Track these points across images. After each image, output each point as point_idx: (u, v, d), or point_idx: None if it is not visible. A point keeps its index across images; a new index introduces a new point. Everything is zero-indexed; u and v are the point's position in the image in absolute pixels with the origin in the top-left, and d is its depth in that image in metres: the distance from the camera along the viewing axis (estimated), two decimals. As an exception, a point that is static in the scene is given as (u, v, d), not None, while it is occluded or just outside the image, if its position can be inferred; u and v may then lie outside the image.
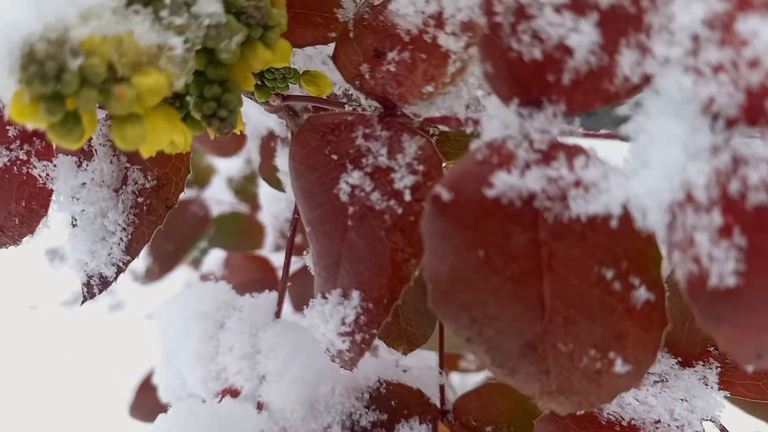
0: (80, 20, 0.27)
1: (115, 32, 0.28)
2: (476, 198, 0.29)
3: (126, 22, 0.29)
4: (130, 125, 0.29)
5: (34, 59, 0.26)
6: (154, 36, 0.29)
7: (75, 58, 0.27)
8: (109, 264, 0.39)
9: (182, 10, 0.31)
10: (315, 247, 0.38)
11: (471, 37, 0.33)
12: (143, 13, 0.30)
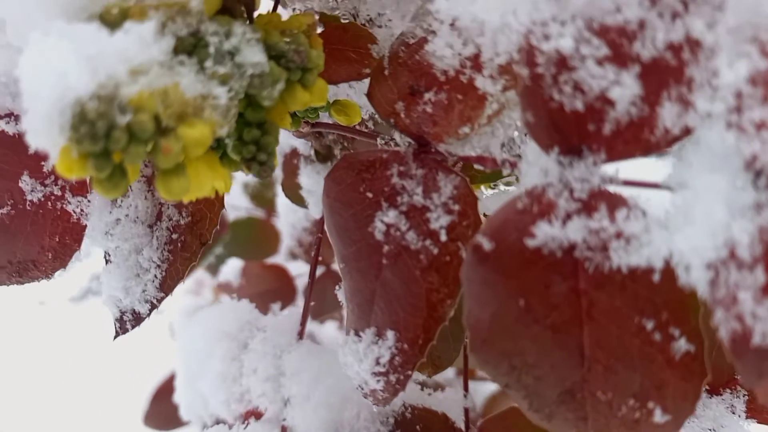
0: (130, 77, 0.27)
1: (161, 85, 0.28)
2: (517, 248, 0.30)
3: (172, 73, 0.29)
4: (175, 178, 0.29)
5: (85, 119, 0.26)
6: (198, 86, 0.30)
7: (123, 114, 0.27)
8: (143, 301, 0.39)
9: (226, 60, 0.31)
10: (348, 284, 0.38)
11: (508, 80, 0.33)
12: (188, 63, 0.30)
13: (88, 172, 0.28)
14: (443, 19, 0.33)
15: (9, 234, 0.41)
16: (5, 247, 0.41)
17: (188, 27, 0.31)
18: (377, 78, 0.37)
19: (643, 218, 0.28)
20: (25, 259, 0.41)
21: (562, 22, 0.28)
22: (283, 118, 0.35)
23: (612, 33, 0.28)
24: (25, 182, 0.40)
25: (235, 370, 0.56)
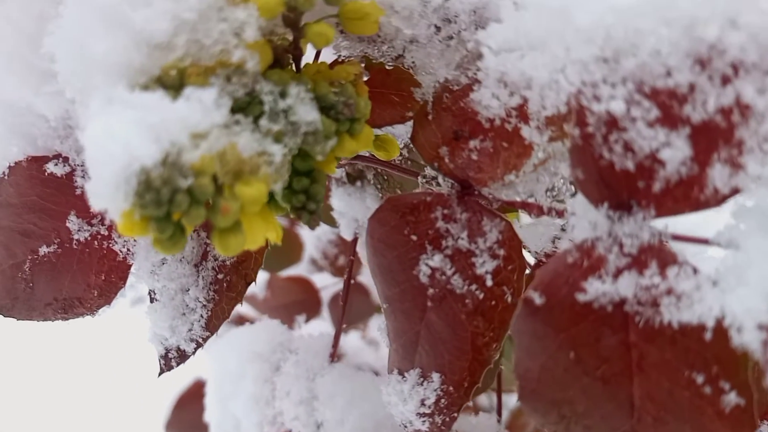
0: (192, 142, 0.28)
1: (220, 147, 0.29)
2: (568, 302, 0.30)
3: (229, 133, 0.30)
4: (232, 235, 0.30)
5: (150, 187, 0.27)
6: (254, 145, 0.30)
7: (185, 178, 0.28)
8: (189, 340, 0.40)
9: (280, 118, 0.31)
10: (392, 324, 0.39)
11: (555, 131, 0.33)
12: (243, 122, 0.31)
13: (150, 233, 0.29)
14: (491, 74, 0.33)
15: (55, 271, 0.42)
16: (51, 285, 0.42)
17: (244, 87, 0.31)
18: (421, 122, 0.38)
19: (694, 276, 0.29)
20: (71, 296, 0.42)
21: (612, 84, 0.29)
22: (330, 165, 0.36)
23: (662, 96, 0.28)
24: (72, 222, 0.41)
25: (267, 392, 0.57)
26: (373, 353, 0.82)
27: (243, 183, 0.30)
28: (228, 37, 0.31)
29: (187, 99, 0.29)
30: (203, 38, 0.31)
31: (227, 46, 0.31)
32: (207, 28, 0.30)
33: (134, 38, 0.30)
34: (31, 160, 0.41)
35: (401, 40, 0.36)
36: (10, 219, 0.42)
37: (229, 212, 0.29)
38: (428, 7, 0.35)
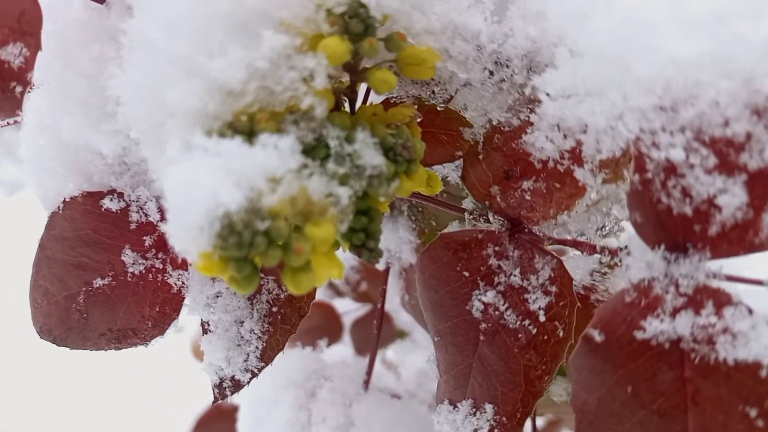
0: (269, 187, 0.29)
1: (294, 190, 0.30)
2: (626, 339, 0.32)
3: (299, 177, 0.31)
4: (303, 274, 0.31)
5: (233, 230, 0.28)
6: (323, 187, 0.31)
7: (262, 221, 0.29)
8: (244, 370, 0.41)
9: (346, 161, 0.32)
10: (443, 356, 0.40)
11: (608, 174, 0.35)
12: (311, 166, 0.32)
13: (228, 273, 0.30)
14: (546, 118, 0.34)
15: (110, 303, 0.43)
16: (106, 316, 0.43)
17: (312, 132, 0.32)
18: (471, 161, 0.39)
19: (749, 316, 0.30)
20: (125, 327, 0.43)
21: (671, 132, 0.30)
22: (384, 204, 0.37)
23: (720, 144, 0.30)
24: (127, 255, 0.42)
25: (303, 419, 0.57)
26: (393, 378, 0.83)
27: (313, 224, 0.31)
28: (297, 84, 0.32)
29: (263, 146, 0.30)
30: (273, 85, 0.32)
31: (297, 93, 0.32)
32: (277, 76, 0.32)
33: (209, 86, 0.31)
34: (86, 196, 0.42)
35: (455, 84, 0.37)
36: (64, 252, 0.43)
37: (303, 253, 0.30)
38: (483, 53, 0.36)
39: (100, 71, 0.39)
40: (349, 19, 0.32)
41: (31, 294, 0.45)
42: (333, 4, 0.32)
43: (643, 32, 0.31)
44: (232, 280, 0.30)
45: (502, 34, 0.36)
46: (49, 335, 0.44)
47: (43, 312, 0.44)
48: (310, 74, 0.32)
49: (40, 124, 0.41)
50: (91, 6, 0.40)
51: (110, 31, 0.39)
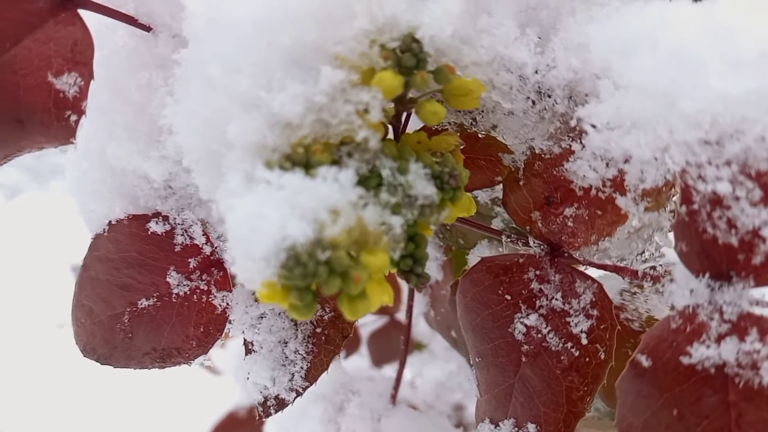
0: (331, 218, 0.30)
1: (352, 221, 0.31)
2: (672, 364, 0.33)
3: (356, 207, 0.32)
4: (360, 301, 0.32)
5: (298, 261, 0.29)
6: (377, 217, 0.32)
7: (324, 251, 0.30)
8: (289, 389, 0.42)
9: (399, 191, 0.33)
10: (484, 377, 0.41)
11: (651, 202, 0.36)
12: (365, 196, 0.33)
13: (290, 301, 0.31)
14: (590, 148, 0.35)
15: (155, 323, 0.44)
16: (151, 336, 0.44)
17: (366, 163, 0.33)
18: (511, 187, 0.40)
19: (793, 343, 0.31)
20: (169, 346, 0.44)
21: (717, 166, 0.31)
22: (428, 229, 0.38)
23: (766, 177, 0.31)
24: (172, 277, 0.43)
25: (333, 432, 0.58)
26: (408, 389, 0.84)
27: (368, 253, 0.32)
28: (352, 117, 0.33)
29: (324, 179, 0.31)
30: (329, 118, 0.33)
31: (352, 125, 0.33)
32: (333, 109, 0.32)
33: (269, 120, 0.32)
34: (132, 219, 0.43)
35: (498, 113, 0.38)
36: (108, 273, 0.44)
37: (361, 281, 0.31)
38: (526, 83, 0.37)
39: (149, 99, 0.40)
40: (401, 54, 0.33)
41: (74, 313, 0.46)
42: (387, 40, 0.33)
43: (690, 69, 0.32)
44: (292, 307, 0.31)
45: (545, 65, 0.37)
46: (92, 354, 0.45)
47: (86, 331, 0.45)
48: (365, 107, 0.33)
49: (86, 149, 0.42)
50: (136, 33, 0.41)
51: (158, 59, 0.40)
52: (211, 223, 0.43)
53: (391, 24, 0.33)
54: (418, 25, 0.33)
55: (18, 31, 0.36)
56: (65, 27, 0.37)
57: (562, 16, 0.39)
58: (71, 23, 0.38)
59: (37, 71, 0.36)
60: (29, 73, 0.36)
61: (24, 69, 0.36)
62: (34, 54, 0.36)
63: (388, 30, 0.33)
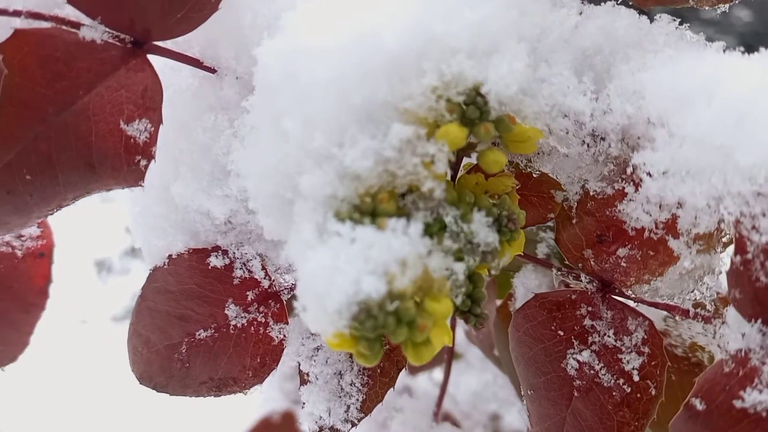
0: (400, 270, 0.31)
1: (419, 271, 0.32)
2: (725, 407, 0.34)
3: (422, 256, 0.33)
4: (425, 347, 0.33)
5: (370, 314, 0.30)
6: (441, 265, 0.34)
7: (392, 302, 0.31)
8: (345, 420, 0.43)
9: (462, 239, 0.35)
10: (536, 409, 0.42)
11: (702, 245, 0.37)
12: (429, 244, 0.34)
13: (359, 349, 0.32)
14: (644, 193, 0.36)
15: (212, 354, 0.45)
16: (208, 366, 0.45)
17: (431, 212, 0.35)
18: (564, 224, 0.41)
19: None
20: (226, 376, 0.45)
21: (773, 218, 0.32)
22: (484, 270, 0.39)
23: (821, 230, 0.32)
24: (231, 309, 0.44)
25: (375, 449, 0.60)
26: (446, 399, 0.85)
27: (432, 299, 0.34)
28: (419, 169, 0.34)
29: (394, 231, 0.32)
30: (396, 169, 0.34)
31: (418, 176, 0.34)
32: (401, 162, 0.34)
33: (340, 174, 0.33)
34: (192, 253, 0.45)
35: (554, 156, 0.39)
36: (167, 304, 0.46)
37: (426, 329, 0.33)
38: (582, 128, 0.38)
39: (214, 140, 0.41)
40: (465, 107, 0.35)
41: (130, 342, 0.47)
42: (453, 94, 0.34)
43: (747, 124, 0.33)
44: (359, 355, 0.33)
45: (600, 111, 0.38)
46: (149, 382, 0.47)
47: (143, 360, 0.47)
48: (432, 159, 0.34)
49: (149, 185, 0.44)
50: (199, 74, 0.43)
51: (222, 101, 0.42)
52: (269, 257, 0.45)
53: (458, 79, 0.34)
54: (483, 80, 0.34)
55: (91, 78, 0.38)
56: (136, 74, 0.39)
57: (616, 62, 0.40)
58: (141, 69, 0.39)
59: (109, 117, 0.38)
60: (102, 120, 0.38)
61: (97, 115, 0.38)
62: (106, 101, 0.38)
63: (454, 85, 0.34)
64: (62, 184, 0.37)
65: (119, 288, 2.56)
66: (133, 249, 3.03)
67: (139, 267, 2.90)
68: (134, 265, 2.72)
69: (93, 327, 2.45)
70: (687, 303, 0.39)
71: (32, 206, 0.37)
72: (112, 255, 2.84)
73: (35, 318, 0.51)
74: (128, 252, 2.91)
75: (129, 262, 2.77)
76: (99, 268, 2.52)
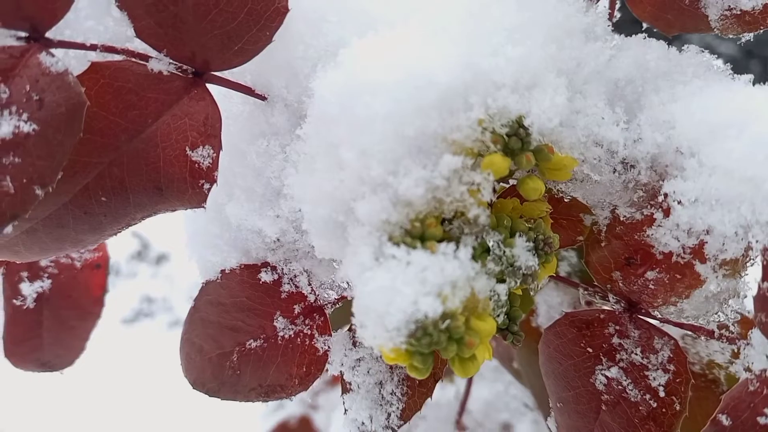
0: (452, 292, 0.34)
1: (468, 293, 0.35)
2: (750, 423, 0.36)
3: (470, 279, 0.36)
4: (470, 362, 0.36)
5: (426, 332, 0.33)
6: (486, 286, 0.36)
7: (444, 321, 0.34)
8: (385, 427, 0.46)
9: (503, 262, 0.37)
10: (565, 421, 0.45)
11: (728, 270, 0.39)
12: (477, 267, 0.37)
13: (413, 363, 0.35)
14: (673, 219, 0.39)
15: (262, 362, 0.48)
16: (257, 373, 0.48)
17: (476, 237, 0.37)
18: (593, 247, 0.44)
19: None
20: (274, 383, 0.48)
21: (797, 247, 0.35)
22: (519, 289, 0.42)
23: (841, 260, 0.34)
24: (279, 321, 0.47)
25: (402, 454, 0.62)
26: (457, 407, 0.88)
27: (477, 318, 0.36)
28: (465, 196, 0.37)
29: (445, 255, 0.35)
30: (444, 197, 0.37)
31: (464, 203, 0.37)
32: (449, 189, 0.36)
33: (394, 201, 0.36)
34: (243, 268, 0.47)
35: (587, 182, 0.42)
36: (219, 316, 0.48)
37: (473, 346, 0.35)
38: (614, 156, 0.41)
39: (266, 164, 0.44)
40: (508, 138, 0.37)
41: (183, 349, 0.50)
42: (497, 126, 0.37)
43: (774, 158, 0.36)
44: (411, 368, 0.36)
45: (631, 140, 0.41)
46: (202, 387, 0.49)
47: (196, 366, 0.49)
48: (477, 187, 0.37)
49: (204, 205, 0.47)
50: (250, 101, 0.45)
51: (274, 127, 0.44)
52: (315, 273, 0.47)
53: (502, 113, 0.37)
54: (526, 113, 0.37)
55: (159, 108, 0.40)
56: (197, 102, 0.41)
57: (646, 92, 0.42)
58: (202, 98, 0.42)
59: (175, 144, 0.41)
60: (169, 146, 0.40)
61: (164, 142, 0.40)
62: (172, 129, 0.41)
63: (498, 118, 0.37)
64: (133, 206, 0.40)
65: (127, 291, 2.61)
66: (140, 253, 3.06)
67: (145, 271, 2.96)
68: (141, 269, 2.77)
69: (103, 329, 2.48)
70: (711, 324, 0.42)
71: (105, 225, 0.40)
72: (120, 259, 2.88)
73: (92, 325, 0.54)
74: (135, 256, 2.96)
75: (136, 266, 2.81)
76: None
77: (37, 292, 0.53)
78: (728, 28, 0.46)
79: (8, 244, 0.37)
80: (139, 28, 0.40)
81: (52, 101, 0.35)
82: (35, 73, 0.35)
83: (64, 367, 0.54)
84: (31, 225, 0.38)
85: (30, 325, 0.53)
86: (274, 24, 0.42)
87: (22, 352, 0.54)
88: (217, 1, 0.40)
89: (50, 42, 0.37)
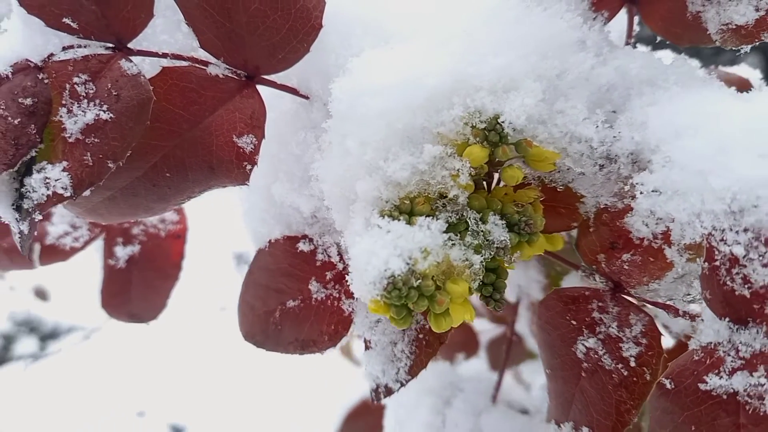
0: (422, 256, 0.41)
1: (440, 258, 0.42)
2: (692, 389, 0.41)
3: (444, 247, 0.43)
4: (443, 318, 0.43)
5: (396, 287, 0.40)
6: (461, 255, 0.43)
7: (416, 280, 0.41)
8: (395, 381, 0.53)
9: (480, 235, 0.44)
10: (553, 386, 0.50)
11: (691, 254, 0.44)
12: (453, 239, 0.43)
13: (390, 313, 0.42)
14: (642, 207, 0.44)
15: (298, 320, 0.57)
16: (295, 329, 0.57)
17: (455, 213, 0.44)
18: (584, 232, 0.49)
19: (793, 381, 0.38)
20: (308, 338, 0.57)
21: (736, 232, 0.39)
22: (511, 265, 0.48)
23: (775, 244, 0.38)
24: (313, 285, 0.56)
25: (439, 422, 0.69)
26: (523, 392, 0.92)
27: (452, 282, 0.43)
28: (447, 179, 0.44)
29: (420, 226, 0.42)
30: (429, 179, 0.44)
31: (446, 185, 0.44)
32: (433, 173, 0.43)
33: (384, 181, 0.43)
34: (286, 239, 0.56)
35: (572, 173, 0.47)
36: (267, 279, 0.58)
37: (443, 303, 0.42)
38: (595, 152, 0.46)
39: (304, 152, 0.53)
40: (487, 132, 0.44)
41: (240, 307, 0.60)
42: (477, 122, 0.43)
43: (722, 154, 0.40)
44: (392, 318, 0.43)
45: (611, 137, 0.46)
46: (252, 339, 0.59)
47: (248, 321, 0.59)
48: (457, 172, 0.43)
49: (256, 186, 0.56)
50: (297, 100, 0.55)
51: (311, 122, 0.53)
52: (343, 245, 0.56)
53: (480, 111, 0.43)
54: (501, 112, 0.43)
55: (215, 104, 0.50)
56: (247, 100, 0.51)
57: (631, 96, 0.47)
58: (251, 97, 0.51)
59: (226, 133, 0.50)
60: (220, 134, 0.50)
61: (217, 131, 0.50)
62: (224, 120, 0.50)
63: (477, 115, 0.43)
64: (191, 181, 0.50)
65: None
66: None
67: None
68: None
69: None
70: (681, 303, 0.46)
71: (170, 196, 0.50)
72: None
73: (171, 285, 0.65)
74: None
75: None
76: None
77: (128, 255, 0.65)
78: (728, 41, 0.50)
79: (94, 208, 0.49)
80: (203, 41, 0.50)
81: (126, 96, 0.45)
82: (116, 74, 0.46)
83: (149, 320, 0.66)
84: (111, 193, 0.48)
85: (122, 282, 0.65)
86: (310, 38, 0.50)
87: (115, 303, 0.66)
88: (264, 19, 0.49)
89: (131, 51, 0.48)
